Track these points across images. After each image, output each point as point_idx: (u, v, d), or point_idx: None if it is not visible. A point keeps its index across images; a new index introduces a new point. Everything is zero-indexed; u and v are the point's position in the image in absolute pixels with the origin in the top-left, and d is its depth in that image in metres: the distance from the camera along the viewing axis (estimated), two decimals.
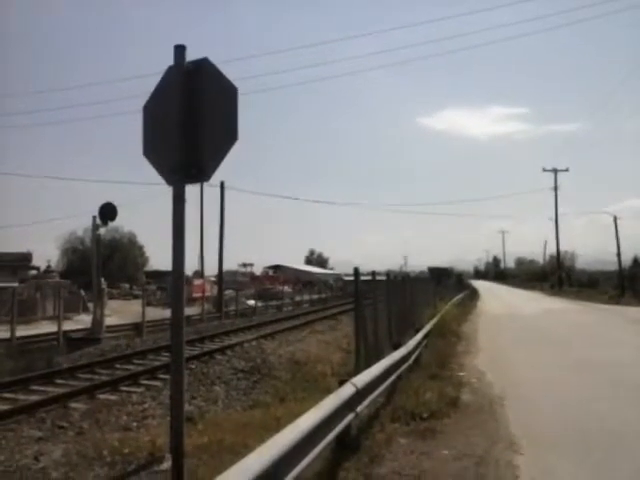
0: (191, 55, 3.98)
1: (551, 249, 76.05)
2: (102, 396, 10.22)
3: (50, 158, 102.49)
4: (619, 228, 47.90)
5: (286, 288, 46.29)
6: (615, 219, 48.23)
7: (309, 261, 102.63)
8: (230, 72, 4.01)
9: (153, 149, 4.14)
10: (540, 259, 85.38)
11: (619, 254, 47.30)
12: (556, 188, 58.93)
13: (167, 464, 5.19)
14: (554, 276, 61.70)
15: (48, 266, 44.90)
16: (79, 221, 55.34)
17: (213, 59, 3.98)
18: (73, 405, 9.45)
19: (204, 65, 3.96)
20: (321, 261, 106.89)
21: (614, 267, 48.91)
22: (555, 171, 59.11)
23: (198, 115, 3.91)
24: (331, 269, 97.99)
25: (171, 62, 4.00)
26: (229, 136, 3.94)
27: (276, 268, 71.43)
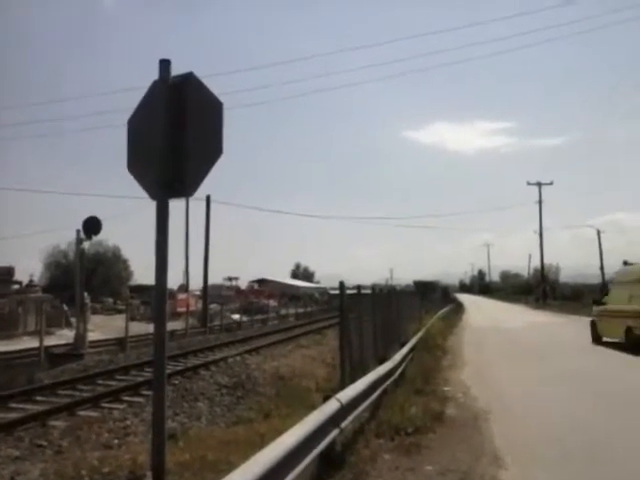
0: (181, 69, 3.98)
1: (535, 262, 76.71)
2: (83, 413, 10.03)
3: (37, 171, 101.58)
4: (604, 241, 48.69)
5: (271, 302, 46.11)
6: (598, 233, 49.00)
7: (295, 275, 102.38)
8: (219, 86, 4.03)
9: (137, 163, 4.12)
10: (525, 272, 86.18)
11: (602, 267, 47.93)
12: (540, 202, 59.66)
13: None
14: (538, 289, 62.19)
15: (30, 280, 44.27)
16: (63, 235, 54.72)
17: (203, 72, 4.00)
18: (53, 423, 9.26)
19: (189, 79, 3.96)
20: (307, 275, 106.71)
21: (597, 280, 49.50)
22: (539, 185, 59.84)
23: (183, 129, 3.90)
24: (317, 283, 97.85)
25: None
26: (214, 151, 3.94)
27: (261, 282, 71.16)
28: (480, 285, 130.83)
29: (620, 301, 17.52)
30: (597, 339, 18.83)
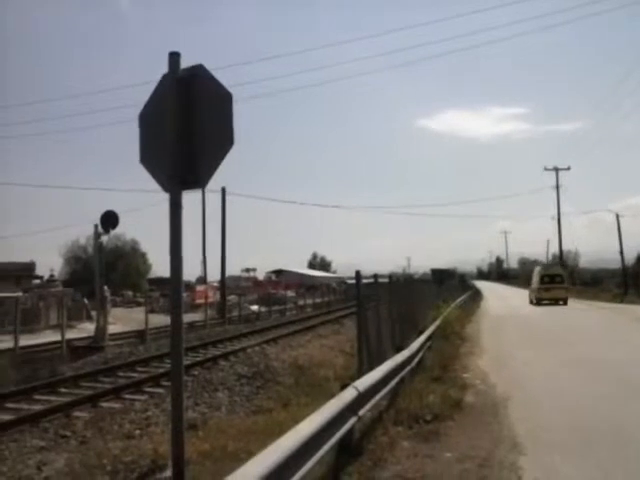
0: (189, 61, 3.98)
1: (554, 248, 75.82)
2: (105, 404, 10.21)
3: (53, 167, 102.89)
4: (622, 226, 47.97)
5: (289, 292, 46.26)
6: (617, 217, 48.21)
7: (312, 265, 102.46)
8: (228, 78, 4.03)
9: (150, 156, 4.14)
10: (543, 259, 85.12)
11: (622, 252, 47.16)
12: (558, 187, 58.73)
13: (170, 472, 5.18)
14: None
15: (51, 275, 45.01)
16: (82, 229, 55.44)
17: (212, 65, 3.99)
18: (76, 414, 9.44)
19: (198, 72, 3.96)
20: (324, 264, 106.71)
21: (617, 265, 48.75)
22: (556, 170, 58.92)
23: (193, 122, 3.91)
24: (334, 272, 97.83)
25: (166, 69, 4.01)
26: (225, 142, 3.94)
27: (279, 272, 71.44)
28: (498, 272, 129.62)
29: (534, 283, 36.65)
30: (530, 303, 36.02)
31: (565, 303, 33.88)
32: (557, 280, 35.24)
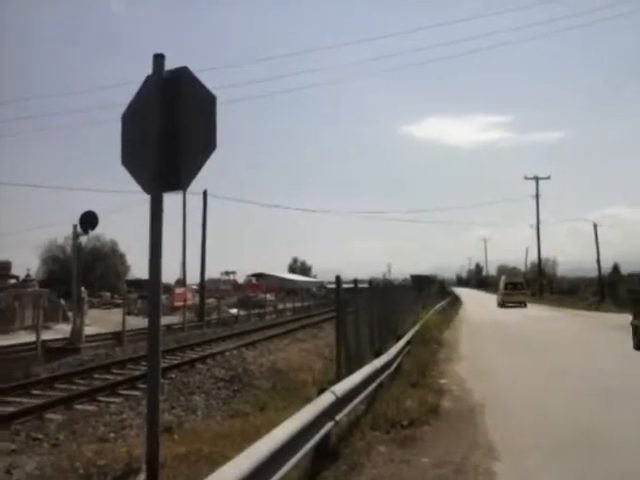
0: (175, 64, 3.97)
1: (533, 256, 76.83)
2: (79, 407, 10.05)
3: (35, 167, 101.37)
4: (600, 235, 48.89)
5: (269, 296, 46.11)
6: (595, 226, 49.05)
7: (292, 269, 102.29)
8: (214, 80, 4.03)
9: (131, 158, 4.12)
10: (522, 266, 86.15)
11: (599, 261, 47.99)
12: (537, 196, 59.82)
13: (144, 475, 5.12)
14: (535, 283, 62.25)
15: (27, 275, 44.21)
16: (61, 229, 54.54)
17: (193, 68, 3.98)
18: (49, 416, 9.28)
19: (183, 74, 3.96)
20: (304, 269, 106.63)
21: (595, 274, 49.54)
22: (536, 179, 59.90)
23: (177, 124, 3.90)
24: (314, 277, 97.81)
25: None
26: (207, 145, 3.94)
27: (259, 276, 71.16)
28: (477, 279, 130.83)
29: (500, 289, 44.53)
30: (498, 305, 42.33)
31: (525, 306, 40.92)
32: (518, 287, 44.07)
